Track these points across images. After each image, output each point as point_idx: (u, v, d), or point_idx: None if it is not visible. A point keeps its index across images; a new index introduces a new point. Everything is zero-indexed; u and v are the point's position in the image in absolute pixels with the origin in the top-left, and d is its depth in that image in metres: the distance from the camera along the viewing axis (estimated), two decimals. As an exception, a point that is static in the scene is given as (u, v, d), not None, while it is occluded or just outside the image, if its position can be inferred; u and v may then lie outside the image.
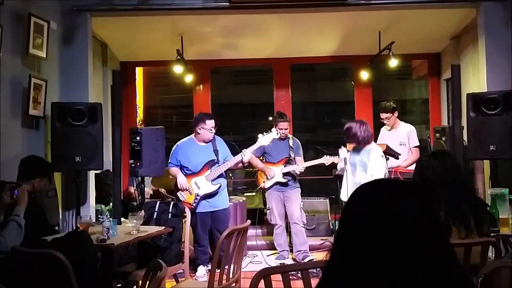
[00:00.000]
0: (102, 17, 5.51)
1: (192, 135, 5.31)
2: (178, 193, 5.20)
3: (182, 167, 5.25)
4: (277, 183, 5.65)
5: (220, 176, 5.19)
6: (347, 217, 0.99)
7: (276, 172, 5.63)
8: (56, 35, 5.11)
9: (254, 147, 5.26)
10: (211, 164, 5.17)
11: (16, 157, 3.93)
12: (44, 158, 3.95)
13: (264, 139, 5.23)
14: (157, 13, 5.52)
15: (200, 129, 5.19)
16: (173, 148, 5.33)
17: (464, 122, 4.97)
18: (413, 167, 4.57)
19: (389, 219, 0.93)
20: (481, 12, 5.39)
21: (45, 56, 4.74)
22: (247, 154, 5.11)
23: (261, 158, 5.78)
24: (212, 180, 5.15)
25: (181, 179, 5.17)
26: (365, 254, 0.92)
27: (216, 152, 5.21)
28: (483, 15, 5.35)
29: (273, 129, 5.43)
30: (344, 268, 0.94)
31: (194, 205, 5.10)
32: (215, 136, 5.32)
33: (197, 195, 5.14)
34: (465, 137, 5.09)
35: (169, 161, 5.32)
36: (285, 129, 5.62)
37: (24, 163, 3.68)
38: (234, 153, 5.27)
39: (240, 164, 5.28)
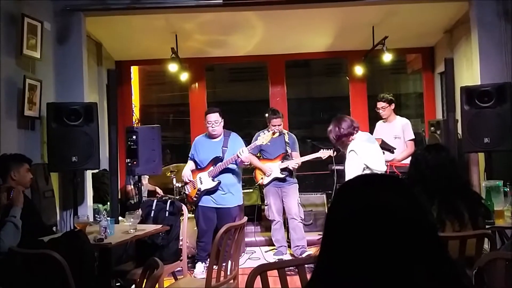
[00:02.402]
0: (95, 17, 5.50)
1: None
2: (185, 186, 5.34)
3: (195, 161, 5.35)
4: (275, 179, 5.67)
5: (227, 172, 5.17)
6: (334, 214, 0.99)
7: (274, 168, 5.65)
8: (50, 35, 5.10)
9: (252, 145, 5.29)
10: (215, 161, 5.19)
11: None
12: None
13: (262, 139, 5.22)
14: (150, 11, 5.51)
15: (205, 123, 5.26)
16: None
17: (458, 115, 4.98)
18: (407, 160, 4.58)
19: (376, 213, 0.93)
20: (473, 5, 5.40)
21: (39, 57, 4.74)
22: (244, 153, 5.09)
23: (258, 155, 5.80)
24: (214, 177, 5.17)
25: (185, 172, 5.29)
26: (354, 249, 0.92)
27: (224, 149, 5.22)
28: (476, 8, 5.36)
29: (274, 129, 5.50)
30: (333, 264, 0.95)
31: (195, 199, 5.19)
32: (231, 132, 5.35)
33: (199, 190, 5.21)
34: (459, 130, 5.11)
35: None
36: (278, 125, 5.65)
37: None
38: None
39: (244, 163, 5.27)
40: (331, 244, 0.97)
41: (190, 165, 5.36)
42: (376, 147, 4.55)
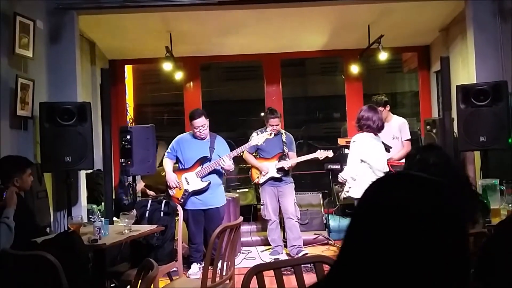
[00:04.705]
0: (89, 15, 5.46)
1: None
2: (168, 189, 5.23)
3: (178, 160, 5.26)
4: (272, 178, 5.65)
5: (213, 173, 5.16)
6: (365, 212, 0.95)
7: (270, 168, 5.62)
8: (42, 34, 5.05)
9: (246, 146, 5.26)
10: (203, 160, 5.15)
11: (4, 158, 3.88)
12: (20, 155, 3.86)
13: (257, 139, 5.22)
14: (144, 10, 5.46)
15: (191, 126, 5.20)
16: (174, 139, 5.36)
17: (454, 114, 4.98)
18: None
19: (414, 214, 0.89)
20: (469, 3, 5.39)
21: (31, 56, 4.68)
22: (226, 162, 5.06)
23: (254, 154, 5.78)
24: (202, 177, 5.13)
25: (169, 176, 5.18)
26: (385, 249, 0.89)
27: (211, 149, 5.19)
28: (472, 6, 5.35)
29: (268, 129, 5.46)
30: (359, 263, 0.91)
31: (181, 200, 5.09)
32: (217, 135, 5.32)
33: (186, 191, 5.14)
34: (455, 129, 5.10)
35: (167, 150, 5.32)
36: (276, 125, 5.62)
37: None
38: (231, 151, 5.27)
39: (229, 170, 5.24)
40: (359, 243, 0.93)
41: (171, 166, 5.24)
42: (381, 147, 4.59)
